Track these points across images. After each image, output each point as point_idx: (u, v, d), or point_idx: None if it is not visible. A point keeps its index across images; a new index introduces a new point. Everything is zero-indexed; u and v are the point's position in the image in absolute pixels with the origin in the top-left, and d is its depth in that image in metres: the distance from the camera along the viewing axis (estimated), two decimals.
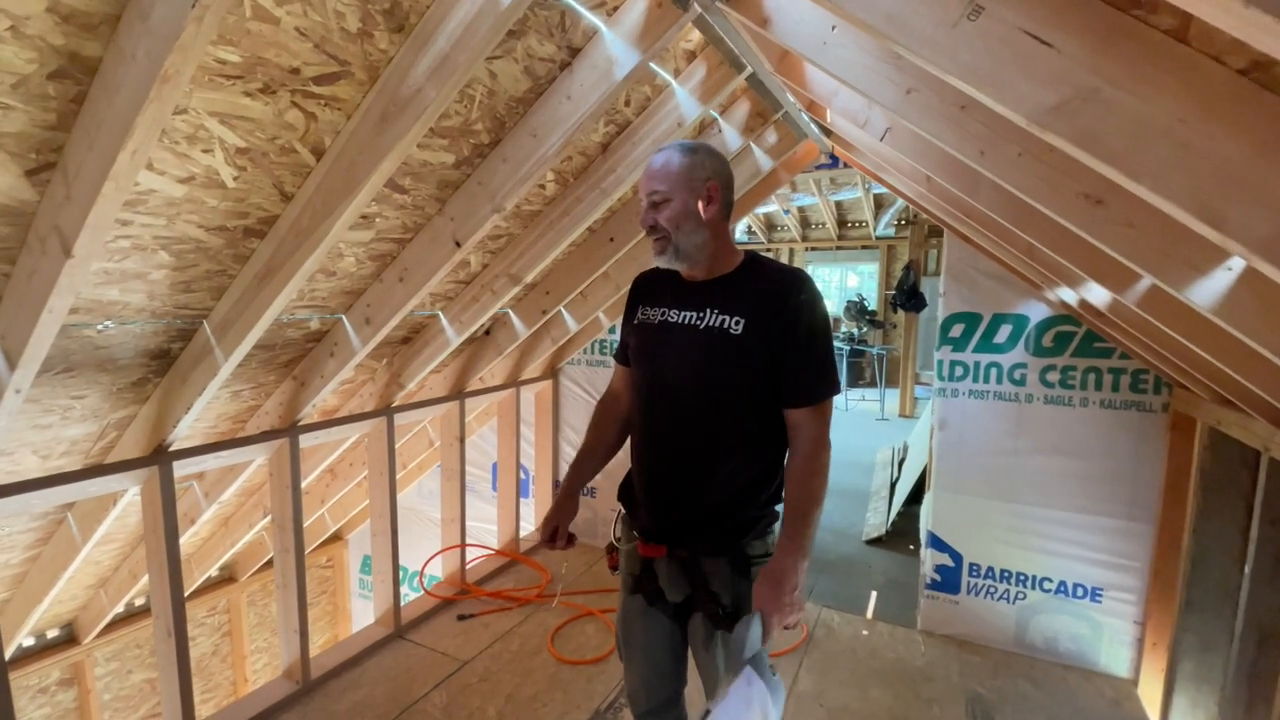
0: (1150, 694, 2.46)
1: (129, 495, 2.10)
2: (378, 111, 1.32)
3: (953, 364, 2.76)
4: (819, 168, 3.03)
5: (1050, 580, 2.70)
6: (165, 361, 1.82)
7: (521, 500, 3.78)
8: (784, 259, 11.47)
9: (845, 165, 3.01)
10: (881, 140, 1.65)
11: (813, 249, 11.16)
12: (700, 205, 1.24)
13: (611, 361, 3.69)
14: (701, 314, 1.27)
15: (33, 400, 1.67)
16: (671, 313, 1.32)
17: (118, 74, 0.98)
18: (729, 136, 2.30)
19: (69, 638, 3.40)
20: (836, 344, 9.33)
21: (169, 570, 1.95)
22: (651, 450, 1.34)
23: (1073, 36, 0.75)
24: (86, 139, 1.05)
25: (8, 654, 2.98)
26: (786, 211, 10.27)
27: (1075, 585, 2.65)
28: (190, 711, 2.03)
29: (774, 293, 1.23)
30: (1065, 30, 0.76)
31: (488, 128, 1.67)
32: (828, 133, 2.46)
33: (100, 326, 1.55)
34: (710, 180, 1.25)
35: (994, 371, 2.70)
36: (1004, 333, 2.68)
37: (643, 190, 1.28)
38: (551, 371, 3.85)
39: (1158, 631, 2.51)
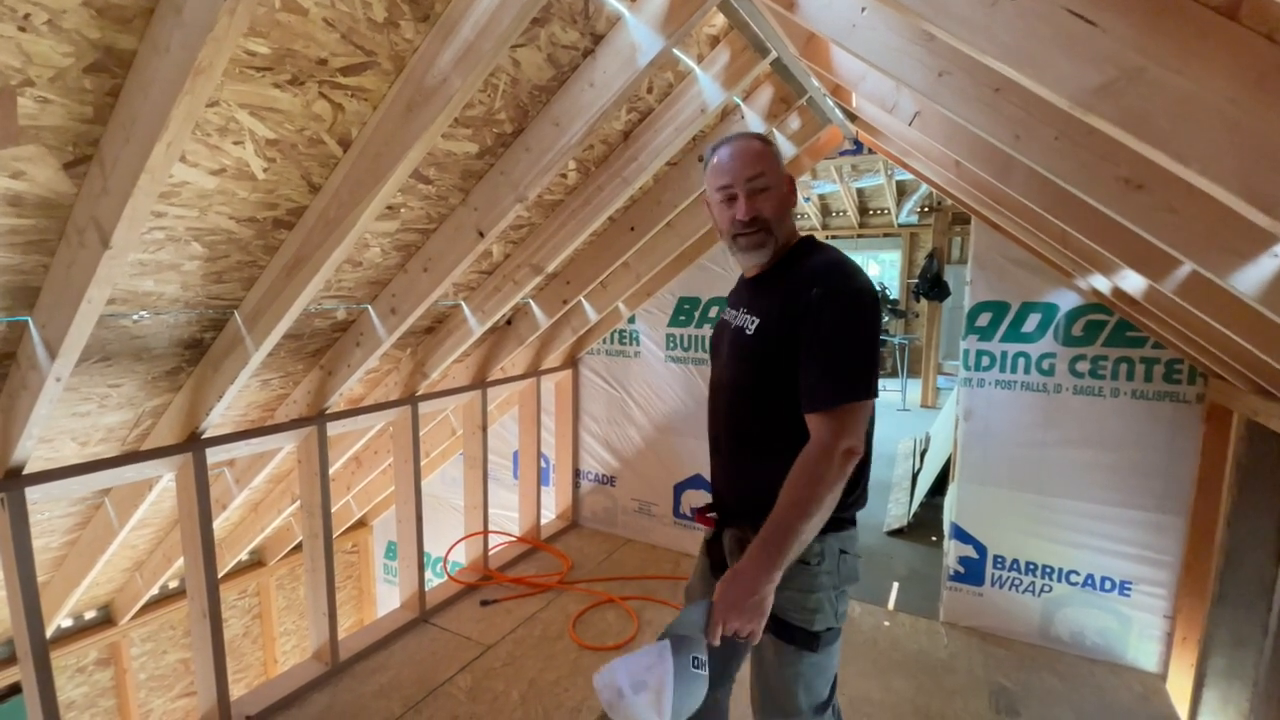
0: (1179, 689, 2.42)
1: (164, 481, 2.15)
2: (404, 101, 1.33)
3: (979, 353, 2.71)
4: (843, 154, 2.98)
5: (1077, 573, 2.66)
6: (198, 351, 1.85)
7: (542, 488, 3.81)
8: None
9: (869, 151, 2.96)
10: (910, 125, 1.62)
11: (833, 237, 11.01)
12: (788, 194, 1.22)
13: (631, 352, 3.70)
14: (738, 313, 1.27)
15: (71, 389, 1.72)
16: (729, 312, 1.34)
17: (152, 67, 0.99)
18: (752, 122, 2.27)
19: (106, 619, 3.51)
20: None
21: (203, 553, 2.00)
22: (709, 440, 1.39)
23: (1118, 14, 0.73)
24: (122, 132, 1.07)
25: (48, 634, 3.09)
26: (807, 199, 10.14)
27: (1103, 579, 2.61)
28: (225, 689, 2.09)
29: (795, 289, 1.15)
30: (1110, 8, 0.73)
31: (511, 117, 1.67)
32: (852, 118, 2.42)
33: (136, 317, 1.58)
34: (785, 169, 1.21)
35: (1022, 361, 2.65)
36: (1032, 321, 2.63)
37: (734, 177, 1.18)
38: (571, 361, 3.86)
39: (1188, 626, 2.47)
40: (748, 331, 1.21)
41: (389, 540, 4.73)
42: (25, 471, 1.67)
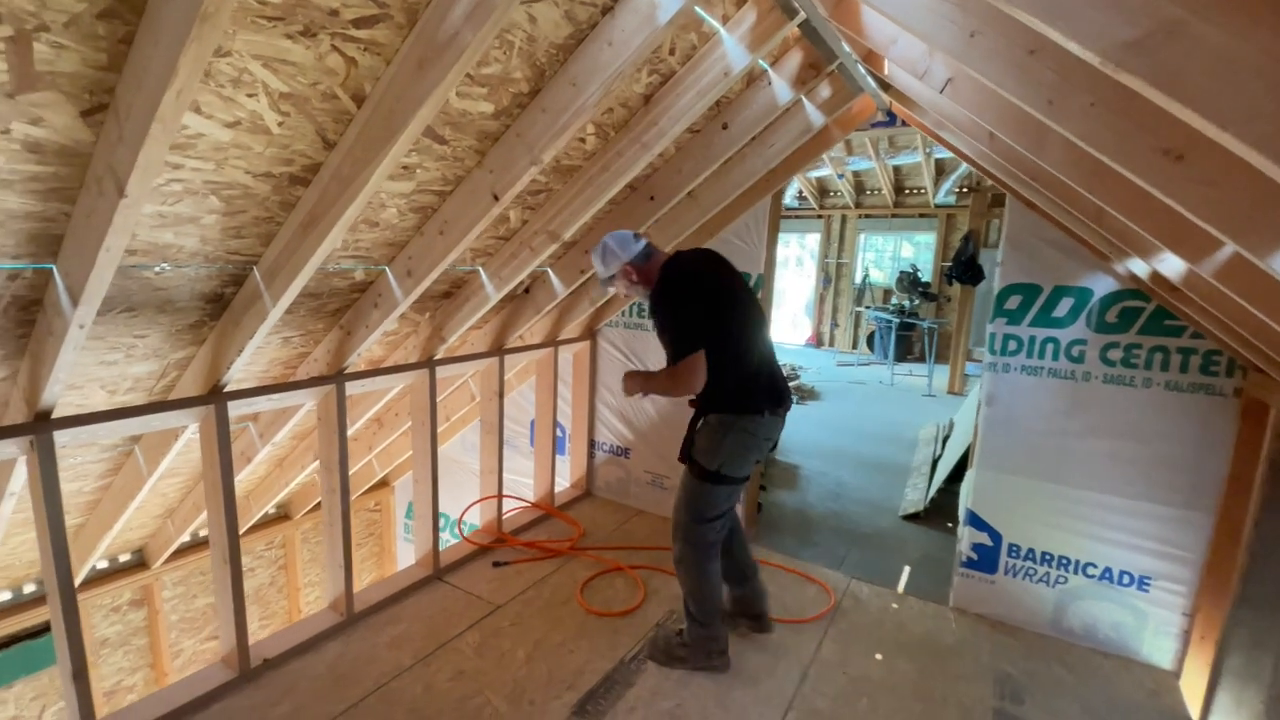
0: (1192, 688, 2.37)
1: (189, 431, 2.22)
2: (415, 57, 1.31)
3: (1006, 337, 2.63)
4: (875, 125, 2.88)
5: (1095, 566, 2.60)
6: (219, 305, 1.89)
7: (558, 457, 3.85)
8: (835, 226, 11.13)
9: (903, 123, 2.85)
10: (941, 92, 1.54)
11: (866, 216, 10.76)
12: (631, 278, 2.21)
13: (649, 324, 3.67)
14: None
15: (98, 337, 1.77)
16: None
17: (161, 13, 0.99)
18: (779, 89, 2.20)
19: (139, 562, 3.68)
20: (885, 316, 9.06)
21: (224, 502, 2.07)
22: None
23: None
24: (135, 79, 1.08)
25: (83, 575, 3.26)
26: (840, 176, 9.90)
27: (1122, 572, 2.55)
28: (244, 632, 2.18)
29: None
30: None
31: (527, 76, 1.64)
32: (885, 87, 2.33)
33: (157, 269, 1.62)
34: (624, 266, 2.19)
35: (1050, 347, 2.57)
36: (1064, 306, 2.53)
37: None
38: (590, 333, 3.86)
39: (1207, 625, 2.40)
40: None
41: (410, 500, 4.85)
42: (54, 415, 1.73)
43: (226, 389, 2.06)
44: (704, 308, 2.08)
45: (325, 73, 1.32)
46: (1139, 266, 2.06)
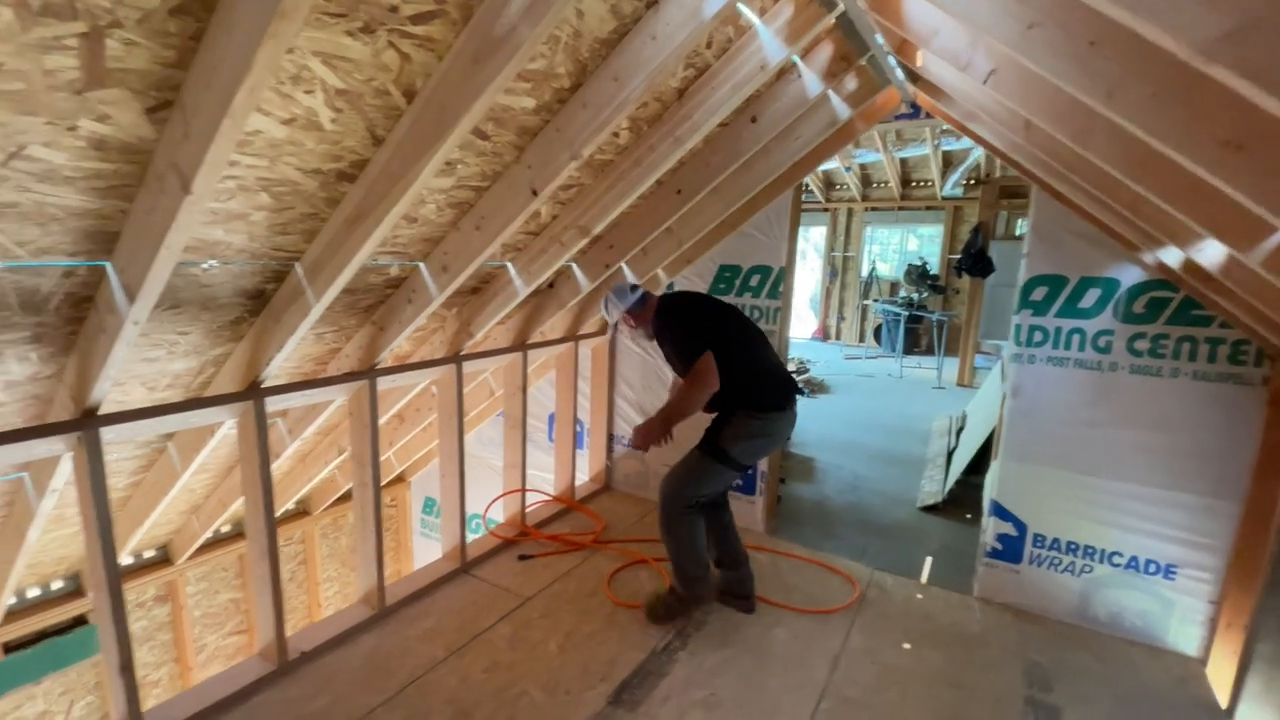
0: (1219, 674, 2.39)
1: (225, 427, 2.24)
2: (470, 52, 1.32)
3: (1031, 329, 2.64)
4: (898, 118, 2.88)
5: (1121, 555, 2.62)
6: (260, 301, 1.90)
7: (577, 451, 3.87)
8: (842, 220, 11.11)
9: (926, 115, 2.85)
10: (984, 83, 1.55)
11: (873, 209, 10.75)
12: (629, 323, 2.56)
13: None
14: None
15: (143, 334, 1.78)
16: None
17: (237, 10, 1.00)
18: (809, 82, 2.20)
19: (164, 558, 3.71)
20: (893, 309, 9.07)
21: (263, 497, 2.09)
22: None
23: None
24: (205, 76, 1.08)
25: None
26: (848, 169, 9.89)
27: (1148, 561, 2.57)
28: (282, 624, 2.20)
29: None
30: None
31: (569, 71, 1.65)
32: (914, 79, 2.33)
33: (205, 265, 1.63)
34: (624, 314, 2.52)
35: (1076, 338, 2.58)
36: (1091, 297, 2.54)
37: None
38: (609, 328, 3.87)
39: (1234, 612, 2.42)
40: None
41: (425, 496, 4.87)
42: (100, 412, 1.75)
43: (264, 384, 2.07)
44: (702, 320, 2.43)
45: (380, 69, 1.32)
46: (1172, 256, 2.07)
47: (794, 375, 2.54)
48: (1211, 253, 1.69)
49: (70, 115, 1.11)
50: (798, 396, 2.53)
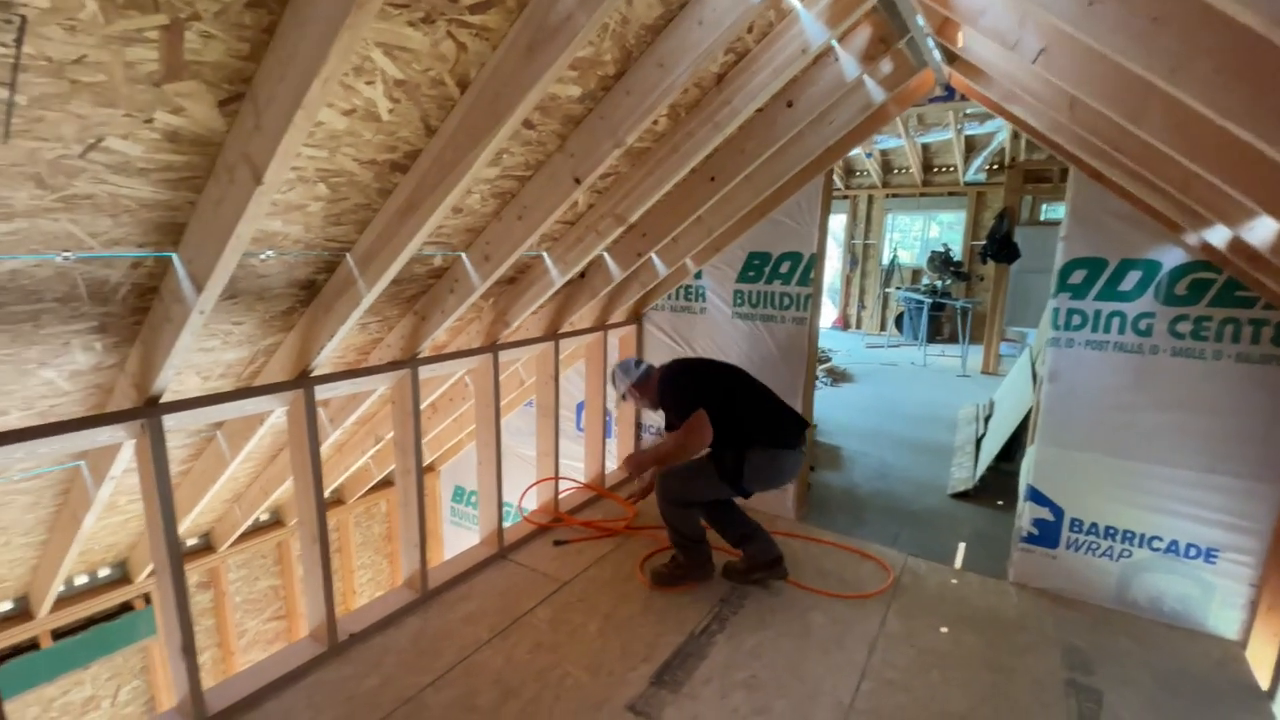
0: (1260, 657, 2.38)
1: (275, 416, 2.30)
2: (525, 41, 1.34)
3: (1070, 312, 2.62)
4: (932, 100, 2.86)
5: (1160, 539, 2.60)
6: (311, 292, 1.95)
7: (606, 440, 3.90)
8: (862, 207, 11.01)
9: (962, 97, 2.83)
10: (1034, 63, 1.54)
11: (893, 195, 10.63)
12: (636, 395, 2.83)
13: (696, 308, 3.70)
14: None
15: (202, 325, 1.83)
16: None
17: (312, 1, 1.02)
18: (846, 65, 2.20)
19: (206, 546, 3.81)
20: (916, 297, 8.99)
21: (314, 483, 2.14)
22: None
23: None
24: (278, 68, 1.11)
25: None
26: (869, 154, 9.79)
27: (1189, 545, 2.55)
28: (332, 607, 2.27)
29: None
30: None
31: (615, 59, 1.66)
32: (951, 60, 2.31)
33: (263, 256, 1.67)
34: (630, 387, 2.80)
35: (1116, 321, 2.55)
36: (1131, 280, 2.51)
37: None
38: (636, 316, 3.90)
39: (1275, 595, 2.40)
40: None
41: (455, 485, 4.94)
42: (161, 401, 1.80)
43: (314, 373, 2.12)
44: (699, 383, 2.71)
45: (438, 59, 1.35)
46: (1219, 235, 2.04)
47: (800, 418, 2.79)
48: (1262, 231, 1.67)
49: (147, 107, 1.15)
50: (806, 432, 2.76)
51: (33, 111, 1.05)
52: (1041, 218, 8.73)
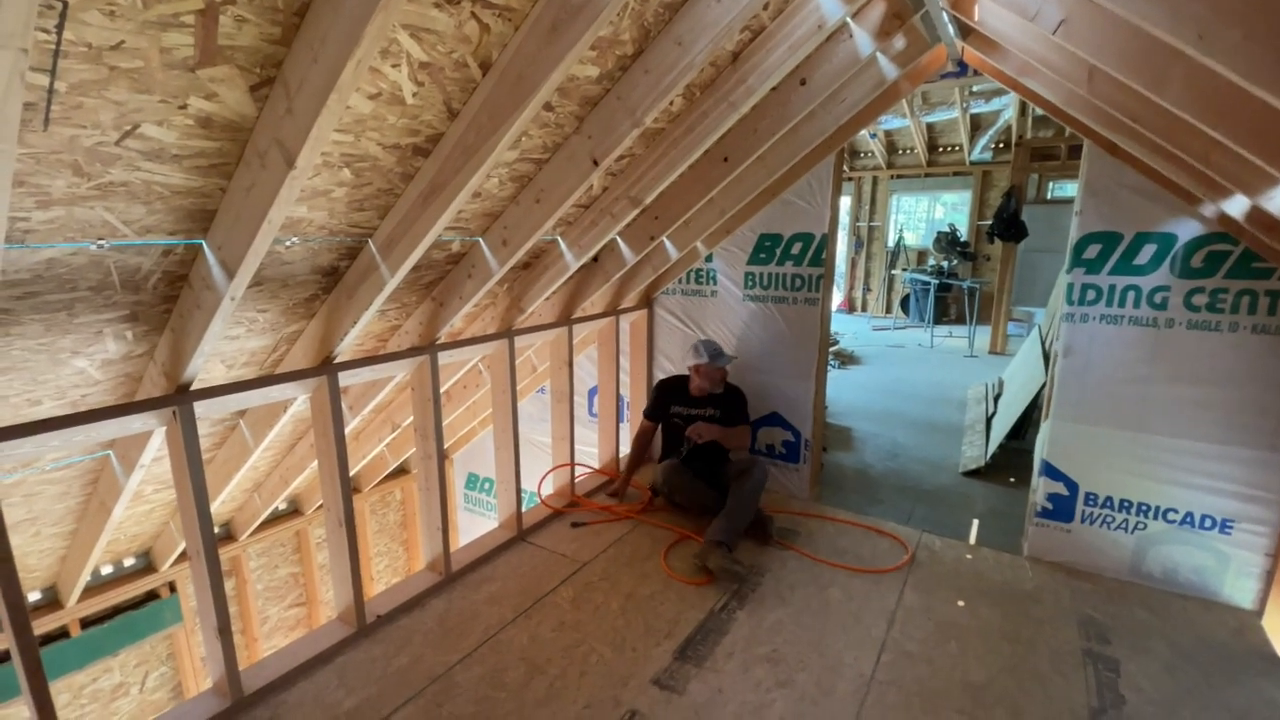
0: (1277, 626, 2.40)
1: (297, 404, 2.32)
2: (548, 21, 1.34)
3: (1084, 287, 2.62)
4: (944, 77, 2.84)
5: (1175, 511, 2.62)
6: (333, 278, 1.97)
7: (620, 424, 3.93)
8: (866, 189, 10.95)
9: (975, 72, 2.81)
10: (1054, 33, 1.54)
11: (898, 176, 10.57)
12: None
13: (707, 291, 3.71)
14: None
15: None
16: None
17: None
18: (860, 42, 2.19)
19: (227, 535, 3.86)
20: (923, 278, 8.96)
21: (339, 468, 2.17)
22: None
23: None
24: (309, 51, 1.12)
25: (179, 549, 3.43)
26: (873, 135, 9.72)
27: (1204, 516, 2.57)
28: (359, 589, 2.30)
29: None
30: None
31: (633, 38, 1.66)
32: (965, 33, 2.30)
33: (288, 243, 1.69)
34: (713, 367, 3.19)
35: (1131, 295, 2.56)
36: (1146, 253, 2.51)
37: (712, 382, 3.25)
38: (647, 301, 3.90)
39: None
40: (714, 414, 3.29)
41: (469, 471, 4.99)
42: (191, 388, 1.83)
43: (337, 360, 2.15)
44: None
45: (461, 40, 1.36)
46: (1237, 205, 2.04)
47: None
48: None
49: (182, 93, 1.16)
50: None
51: (72, 98, 1.06)
52: (1049, 196, 8.67)
